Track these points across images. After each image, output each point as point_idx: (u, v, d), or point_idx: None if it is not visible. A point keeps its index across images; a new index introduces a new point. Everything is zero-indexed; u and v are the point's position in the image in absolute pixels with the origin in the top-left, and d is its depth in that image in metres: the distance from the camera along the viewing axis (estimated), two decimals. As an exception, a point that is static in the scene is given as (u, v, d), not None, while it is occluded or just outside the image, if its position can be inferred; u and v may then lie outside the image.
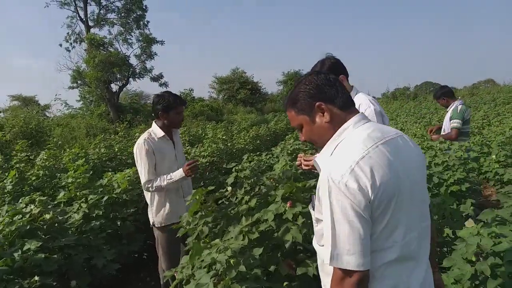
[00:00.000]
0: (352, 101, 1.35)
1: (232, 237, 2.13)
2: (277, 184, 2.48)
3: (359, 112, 1.32)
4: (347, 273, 1.12)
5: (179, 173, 2.93)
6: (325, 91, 1.30)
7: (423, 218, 1.27)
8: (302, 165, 2.34)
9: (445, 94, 4.95)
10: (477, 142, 6.17)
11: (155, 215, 3.03)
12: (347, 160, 1.14)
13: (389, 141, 1.22)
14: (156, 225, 3.03)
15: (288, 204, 2.18)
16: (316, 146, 1.39)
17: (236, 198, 3.19)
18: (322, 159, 1.29)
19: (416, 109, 19.18)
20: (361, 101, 2.30)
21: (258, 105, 34.66)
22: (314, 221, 1.35)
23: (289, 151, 5.72)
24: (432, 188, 3.61)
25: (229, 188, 3.14)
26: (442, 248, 2.70)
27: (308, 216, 2.21)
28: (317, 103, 1.29)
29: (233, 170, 3.87)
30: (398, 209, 1.16)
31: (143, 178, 2.93)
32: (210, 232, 2.39)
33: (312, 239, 2.46)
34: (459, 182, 3.65)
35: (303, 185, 2.30)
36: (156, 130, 3.03)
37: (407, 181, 1.18)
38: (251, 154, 5.39)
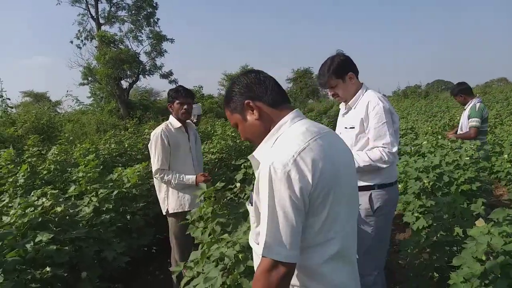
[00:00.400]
0: (286, 99, 1.37)
1: (240, 233, 2.14)
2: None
3: (294, 109, 1.35)
4: (275, 264, 1.13)
5: (191, 179, 3.04)
6: (254, 89, 1.32)
7: (353, 215, 1.32)
8: None
9: (463, 91, 4.82)
10: (489, 141, 6.09)
11: (169, 202, 3.09)
12: (289, 151, 1.16)
13: (324, 135, 1.26)
14: (170, 211, 3.12)
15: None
16: (252, 143, 1.40)
17: (245, 194, 3.20)
18: (261, 153, 1.30)
19: (427, 108, 18.96)
20: (370, 98, 2.29)
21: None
22: (252, 219, 1.34)
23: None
24: (443, 187, 3.58)
25: (238, 185, 3.15)
26: (452, 247, 2.68)
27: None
28: (246, 101, 1.32)
29: (242, 166, 3.88)
30: (337, 202, 1.20)
31: (154, 166, 3.06)
32: (222, 230, 2.40)
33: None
34: (470, 181, 3.61)
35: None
36: (173, 122, 3.17)
37: (342, 174, 1.23)
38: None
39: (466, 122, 4.70)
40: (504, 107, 13.00)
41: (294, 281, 1.23)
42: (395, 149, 2.19)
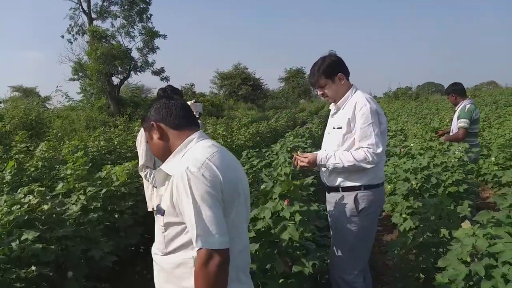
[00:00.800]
0: (191, 122, 1.54)
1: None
2: (275, 182, 2.48)
3: (198, 130, 1.53)
4: (210, 254, 1.23)
5: None
6: (159, 112, 1.52)
7: (247, 219, 1.52)
8: (298, 163, 2.37)
9: (456, 91, 4.84)
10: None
11: (154, 199, 3.12)
12: (201, 158, 1.34)
13: (224, 151, 1.47)
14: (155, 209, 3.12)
15: (285, 202, 2.18)
16: (159, 159, 1.57)
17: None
18: (170, 166, 1.44)
19: (417, 109, 19.14)
20: (358, 99, 2.32)
21: (259, 101, 34.67)
22: (161, 228, 1.42)
23: (288, 148, 5.72)
24: (430, 188, 3.62)
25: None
26: (438, 248, 2.71)
27: (305, 214, 2.22)
28: (151, 123, 1.51)
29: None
30: (241, 205, 1.40)
31: (140, 161, 3.18)
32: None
33: (309, 236, 2.46)
34: (457, 183, 3.66)
35: (301, 183, 2.30)
36: None
37: (244, 187, 1.45)
38: (251, 150, 5.39)
39: (456, 123, 4.71)
40: (492, 110, 13.17)
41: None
42: (379, 150, 2.21)
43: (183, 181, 1.29)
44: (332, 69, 2.37)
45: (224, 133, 9.33)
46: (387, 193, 4.28)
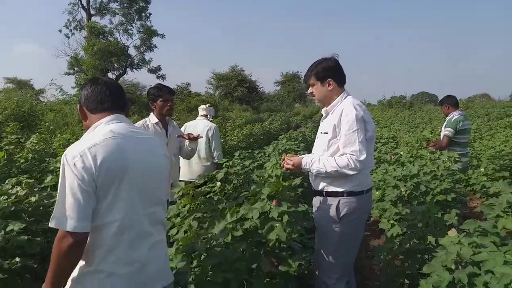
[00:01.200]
0: (109, 107, 1.64)
1: (216, 233, 2.13)
2: (264, 182, 2.49)
3: (116, 114, 1.63)
4: (65, 234, 1.37)
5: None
6: (82, 96, 1.67)
7: (155, 202, 1.62)
8: (285, 164, 2.39)
9: (449, 102, 5.05)
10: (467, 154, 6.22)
11: None
12: (81, 146, 1.44)
13: (132, 138, 1.57)
14: None
15: (273, 203, 2.19)
16: None
17: (225, 193, 3.21)
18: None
19: (410, 118, 19.29)
20: (345, 105, 2.31)
21: (254, 103, 34.68)
22: None
23: (280, 151, 5.73)
24: (419, 196, 3.64)
25: (218, 184, 3.15)
26: (424, 254, 2.74)
27: (293, 215, 2.23)
28: (79, 106, 1.69)
29: (224, 165, 3.88)
30: (125, 190, 1.47)
31: None
32: (198, 226, 2.40)
33: (296, 237, 2.46)
34: (446, 192, 3.69)
35: (289, 183, 2.30)
36: (151, 118, 3.33)
37: (138, 171, 1.52)
38: (243, 151, 5.39)
39: (443, 131, 4.95)
40: (484, 122, 13.33)
41: (97, 252, 1.46)
42: (363, 157, 2.19)
43: (61, 165, 1.45)
44: (324, 72, 2.38)
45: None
46: (376, 199, 4.31)
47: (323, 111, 2.52)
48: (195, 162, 4.49)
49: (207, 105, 4.90)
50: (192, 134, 3.39)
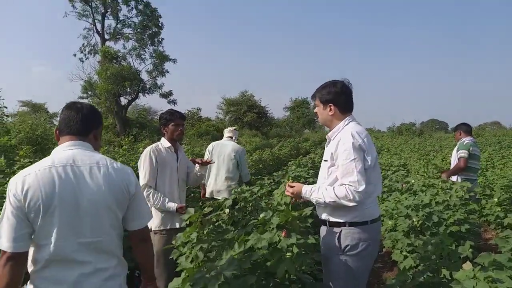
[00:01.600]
0: (70, 131, 1.78)
1: (225, 263, 2.10)
2: (274, 211, 2.46)
3: (78, 140, 1.77)
4: (2, 252, 1.56)
5: (172, 208, 3.21)
6: (59, 120, 1.84)
7: (95, 232, 1.66)
8: (286, 191, 2.37)
9: (463, 129, 5.27)
10: (480, 184, 6.12)
11: (152, 219, 3.10)
12: (21, 173, 1.62)
13: (71, 166, 1.66)
14: (153, 228, 3.25)
15: (283, 233, 2.15)
16: None
17: (233, 221, 3.18)
18: None
19: (420, 146, 19.14)
20: (344, 133, 2.25)
21: (264, 129, 34.81)
22: None
23: (290, 177, 5.70)
24: (432, 226, 3.57)
25: (227, 211, 3.12)
26: (438, 289, 2.66)
27: (303, 246, 2.19)
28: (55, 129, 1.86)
29: (232, 192, 3.86)
30: (54, 217, 1.58)
31: (141, 181, 3.20)
32: (205, 257, 2.37)
33: (306, 269, 2.41)
34: (459, 223, 3.61)
35: (300, 213, 2.27)
36: (163, 142, 3.38)
37: (69, 202, 1.61)
38: (253, 177, 5.37)
39: (455, 156, 5.09)
40: (496, 150, 13.16)
41: (35, 267, 1.61)
42: (361, 188, 2.09)
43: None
44: (327, 96, 2.35)
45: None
46: (388, 229, 4.23)
47: (326, 137, 2.46)
48: (220, 181, 4.83)
49: (233, 128, 5.31)
50: (202, 159, 3.48)
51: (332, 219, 2.25)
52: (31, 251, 1.61)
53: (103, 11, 24.76)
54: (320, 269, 2.95)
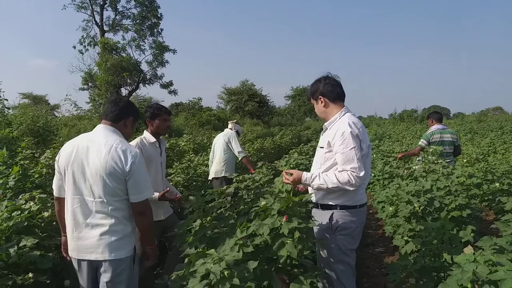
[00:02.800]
0: (103, 117, 2.43)
1: (227, 249, 2.12)
2: (274, 197, 2.47)
3: (102, 124, 2.38)
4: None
5: (155, 195, 3.14)
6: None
7: (93, 194, 2.19)
8: (284, 179, 2.51)
9: (434, 117, 5.94)
10: (481, 169, 6.12)
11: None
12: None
13: (88, 142, 2.25)
14: None
15: (284, 218, 2.17)
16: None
17: (235, 209, 3.19)
18: None
19: (422, 132, 19.08)
20: (341, 123, 2.42)
21: (265, 118, 34.69)
22: None
23: (292, 165, 5.70)
24: (433, 212, 3.58)
25: (229, 198, 3.14)
26: (439, 273, 2.67)
27: (304, 231, 2.20)
28: None
29: (234, 180, 3.88)
30: (68, 176, 2.24)
31: (149, 192, 3.17)
32: (208, 243, 2.39)
33: (307, 254, 2.43)
34: (461, 208, 3.62)
35: (300, 199, 2.29)
36: (148, 137, 3.36)
37: (80, 165, 2.20)
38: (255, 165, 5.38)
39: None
40: (498, 136, 13.11)
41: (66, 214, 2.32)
42: (362, 173, 2.29)
43: None
44: (314, 92, 2.61)
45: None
46: (389, 215, 4.24)
47: (323, 126, 2.65)
48: (217, 163, 5.79)
49: (234, 121, 6.32)
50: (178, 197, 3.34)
51: (324, 201, 2.47)
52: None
53: (101, 2, 24.54)
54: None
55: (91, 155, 2.18)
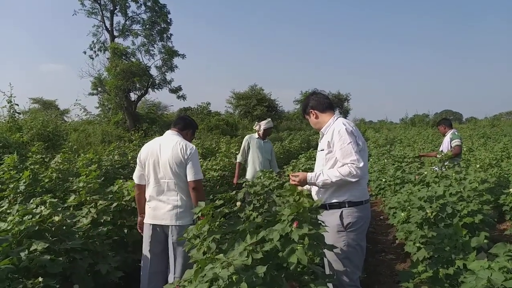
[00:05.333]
0: (172, 125, 3.42)
1: (235, 254, 2.10)
2: (284, 203, 2.45)
3: (171, 130, 3.36)
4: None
5: None
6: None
7: (165, 177, 3.12)
8: (291, 181, 2.66)
9: (446, 123, 6.37)
10: (495, 174, 6.02)
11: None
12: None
13: (160, 141, 3.23)
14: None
15: (294, 224, 2.15)
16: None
17: (245, 213, 3.18)
18: None
19: (434, 137, 18.88)
20: (336, 125, 2.65)
21: (274, 122, 34.61)
22: None
23: (300, 170, 5.67)
24: (445, 218, 3.53)
25: (238, 203, 3.12)
26: (452, 280, 2.63)
27: (314, 237, 2.17)
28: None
29: (244, 185, 3.86)
30: (148, 167, 3.17)
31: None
32: (217, 248, 2.37)
33: (317, 260, 2.40)
34: (473, 214, 3.56)
35: (311, 204, 2.26)
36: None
37: (156, 158, 3.14)
38: (263, 170, 5.36)
39: (448, 144, 6.09)
40: (511, 140, 12.91)
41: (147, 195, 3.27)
42: (361, 164, 2.47)
43: None
44: (305, 107, 2.92)
45: (237, 152, 9.33)
46: (400, 221, 4.19)
47: (320, 132, 2.85)
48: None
49: (269, 119, 6.17)
50: None
51: (331, 201, 2.60)
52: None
53: (111, 8, 24.81)
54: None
55: (163, 149, 3.12)
